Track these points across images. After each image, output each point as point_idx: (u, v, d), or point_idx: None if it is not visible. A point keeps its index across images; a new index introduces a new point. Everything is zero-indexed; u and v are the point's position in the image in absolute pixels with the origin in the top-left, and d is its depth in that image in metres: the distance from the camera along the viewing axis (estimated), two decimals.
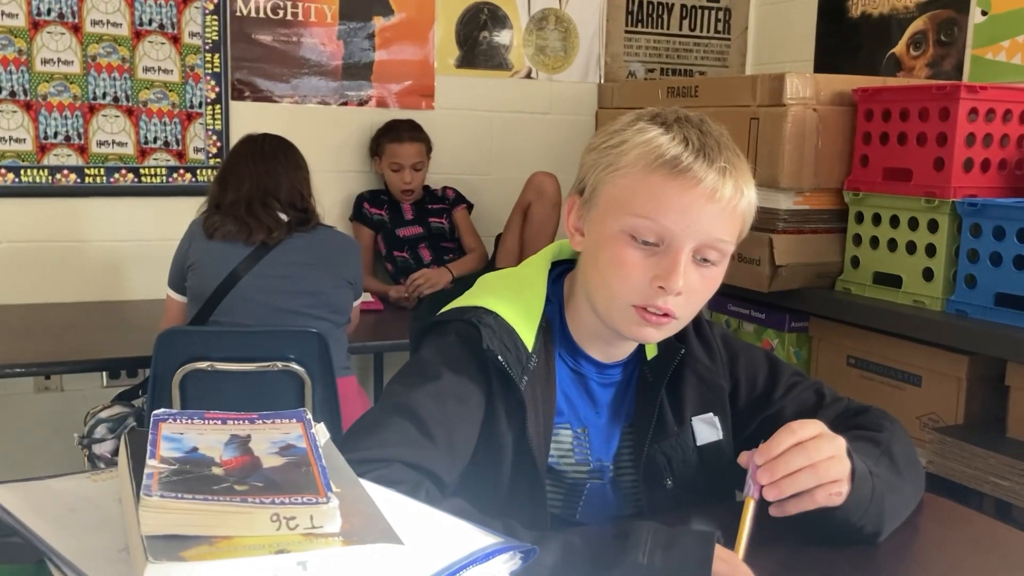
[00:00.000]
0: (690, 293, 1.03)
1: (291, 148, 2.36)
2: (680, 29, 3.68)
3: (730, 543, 0.90)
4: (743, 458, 0.99)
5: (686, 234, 1.01)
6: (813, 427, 0.97)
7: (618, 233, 1.03)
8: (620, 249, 1.03)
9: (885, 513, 1.01)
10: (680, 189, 1.00)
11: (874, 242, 2.46)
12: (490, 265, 3.18)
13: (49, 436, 2.90)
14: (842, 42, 3.34)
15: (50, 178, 2.89)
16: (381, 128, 3.17)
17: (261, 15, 3.08)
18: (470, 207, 3.27)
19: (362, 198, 3.21)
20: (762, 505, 0.95)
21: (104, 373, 2.96)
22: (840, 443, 0.98)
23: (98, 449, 2.19)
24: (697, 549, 0.85)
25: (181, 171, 3.04)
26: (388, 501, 0.75)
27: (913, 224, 2.35)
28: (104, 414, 2.25)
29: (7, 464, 2.92)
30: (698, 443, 1.14)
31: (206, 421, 0.78)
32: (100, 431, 2.21)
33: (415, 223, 3.19)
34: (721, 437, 1.16)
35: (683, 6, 3.67)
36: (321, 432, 0.79)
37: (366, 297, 2.76)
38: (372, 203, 3.19)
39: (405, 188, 3.12)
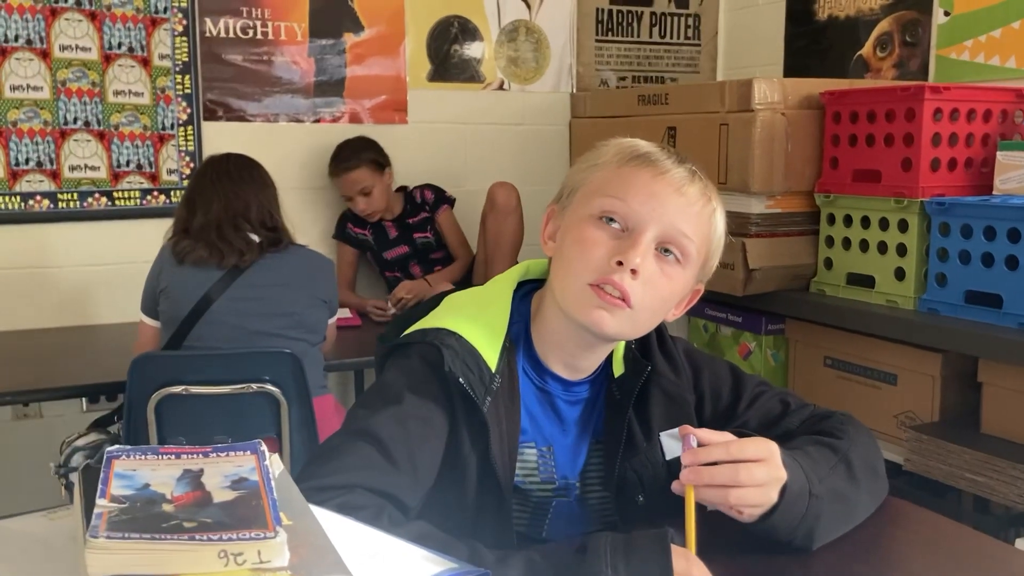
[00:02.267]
0: (647, 282, 1.04)
1: (256, 167, 2.35)
2: (650, 36, 3.70)
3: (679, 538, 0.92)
4: (682, 428, 1.00)
5: (651, 217, 1.04)
6: (761, 445, 0.99)
7: (587, 216, 1.07)
8: (586, 229, 1.06)
9: (817, 532, 1.02)
10: (650, 176, 1.06)
11: (846, 243, 2.48)
12: (467, 278, 3.18)
13: (30, 463, 2.87)
14: (810, 45, 3.36)
15: (23, 204, 2.88)
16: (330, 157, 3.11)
17: (231, 35, 3.09)
18: (452, 202, 3.21)
19: (345, 218, 3.18)
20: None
21: (83, 398, 2.94)
22: (773, 447, 0.99)
23: (75, 478, 2.18)
24: (655, 550, 0.86)
25: (155, 193, 3.04)
26: (341, 530, 0.76)
27: (884, 224, 2.37)
28: (80, 442, 2.24)
29: None
30: (667, 458, 1.15)
31: (160, 456, 0.78)
32: (77, 459, 2.20)
33: (400, 242, 3.17)
34: None
35: (652, 14, 3.69)
36: (275, 463, 0.80)
37: (344, 313, 2.75)
38: (356, 223, 3.17)
39: (363, 214, 3.09)
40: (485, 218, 3.04)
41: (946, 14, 2.83)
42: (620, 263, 1.02)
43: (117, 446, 0.79)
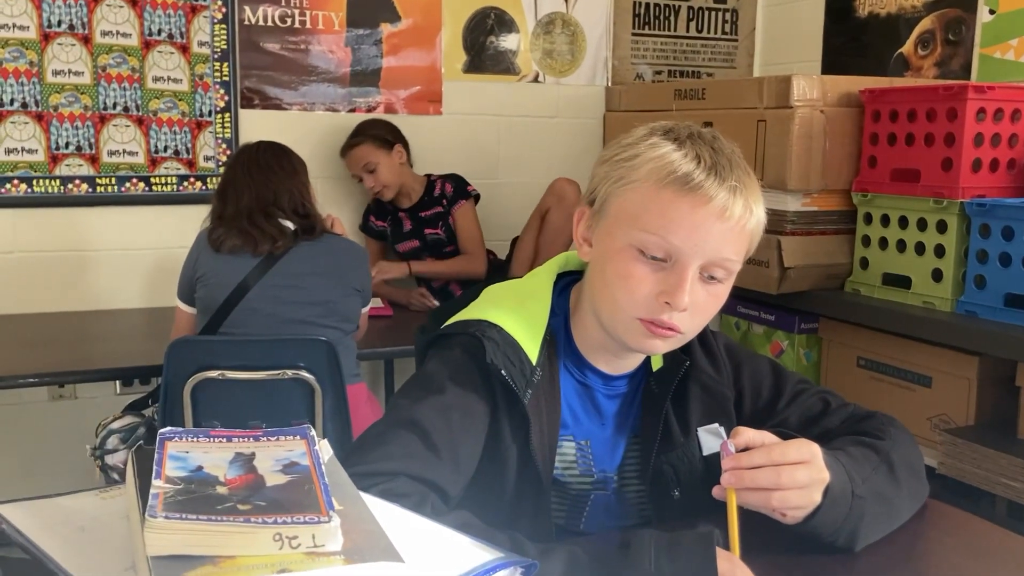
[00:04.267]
0: (696, 309, 1.04)
1: (286, 155, 2.35)
2: (687, 31, 3.68)
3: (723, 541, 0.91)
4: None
5: (694, 252, 1.01)
6: (803, 448, 0.99)
7: (626, 247, 1.03)
8: (627, 263, 1.03)
9: (860, 532, 1.02)
10: (690, 207, 1.00)
11: (883, 243, 2.45)
12: (502, 268, 3.17)
13: (64, 443, 2.93)
14: (850, 42, 3.33)
15: (62, 188, 2.91)
16: None
17: (269, 23, 3.10)
18: (476, 198, 3.14)
19: (368, 210, 3.19)
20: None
21: (117, 381, 2.98)
22: (815, 449, 0.99)
23: (111, 460, 2.21)
24: (700, 549, 0.87)
25: (191, 179, 3.07)
26: (390, 517, 0.76)
27: (922, 225, 2.34)
28: (115, 425, 2.27)
29: (24, 472, 2.95)
30: (704, 453, 1.14)
31: (211, 439, 0.79)
32: (112, 442, 2.23)
33: (412, 236, 3.13)
34: None
35: (690, 8, 3.67)
36: (325, 448, 0.80)
37: (375, 303, 2.77)
38: (377, 215, 3.17)
39: (372, 192, 3.06)
40: (548, 211, 3.03)
41: (991, 12, 2.79)
42: (668, 303, 1.01)
43: (169, 428, 0.80)
